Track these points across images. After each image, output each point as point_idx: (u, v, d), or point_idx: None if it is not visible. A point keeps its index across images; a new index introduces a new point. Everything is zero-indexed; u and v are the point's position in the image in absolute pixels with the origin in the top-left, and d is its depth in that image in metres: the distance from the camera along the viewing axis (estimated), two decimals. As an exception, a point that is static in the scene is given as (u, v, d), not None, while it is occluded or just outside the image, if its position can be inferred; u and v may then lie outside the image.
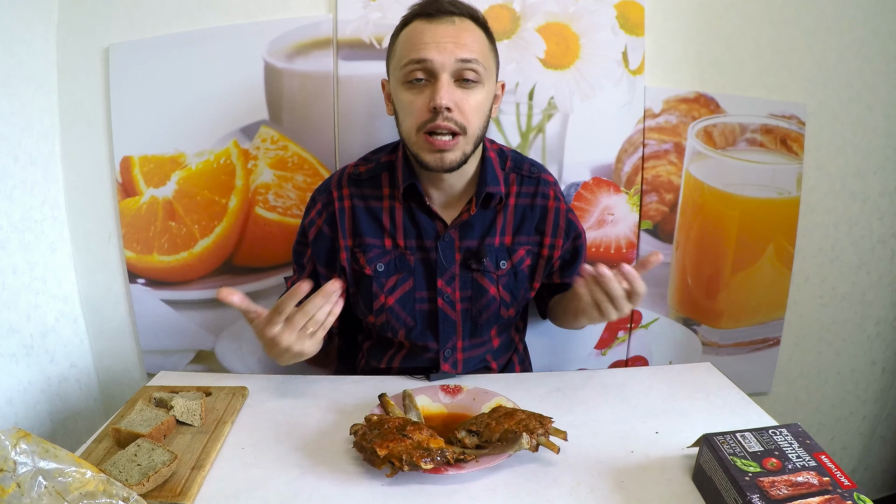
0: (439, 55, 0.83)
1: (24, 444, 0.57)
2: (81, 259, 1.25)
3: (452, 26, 0.85)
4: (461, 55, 0.83)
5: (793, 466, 0.66)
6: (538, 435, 0.73)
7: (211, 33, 1.15)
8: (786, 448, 0.69)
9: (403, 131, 0.89)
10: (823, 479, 0.64)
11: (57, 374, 1.19)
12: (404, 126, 0.88)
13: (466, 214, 0.94)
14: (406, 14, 0.89)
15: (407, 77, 0.85)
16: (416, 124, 0.85)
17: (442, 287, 0.96)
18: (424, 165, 0.88)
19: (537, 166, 1.03)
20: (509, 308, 0.99)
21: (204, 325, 1.28)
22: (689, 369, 1.04)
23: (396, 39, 0.89)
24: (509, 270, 0.98)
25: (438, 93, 0.82)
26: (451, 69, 0.83)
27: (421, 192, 0.92)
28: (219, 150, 1.20)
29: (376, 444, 0.70)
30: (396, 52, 0.88)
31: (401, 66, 0.86)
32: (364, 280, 0.96)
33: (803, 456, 0.68)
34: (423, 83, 0.84)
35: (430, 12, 0.85)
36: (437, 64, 0.83)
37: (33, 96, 1.12)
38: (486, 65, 0.86)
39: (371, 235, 0.96)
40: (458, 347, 0.98)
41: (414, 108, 0.85)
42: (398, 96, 0.88)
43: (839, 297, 1.40)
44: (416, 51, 0.83)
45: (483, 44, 0.87)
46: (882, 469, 1.55)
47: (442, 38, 0.83)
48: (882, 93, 1.28)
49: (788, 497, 0.62)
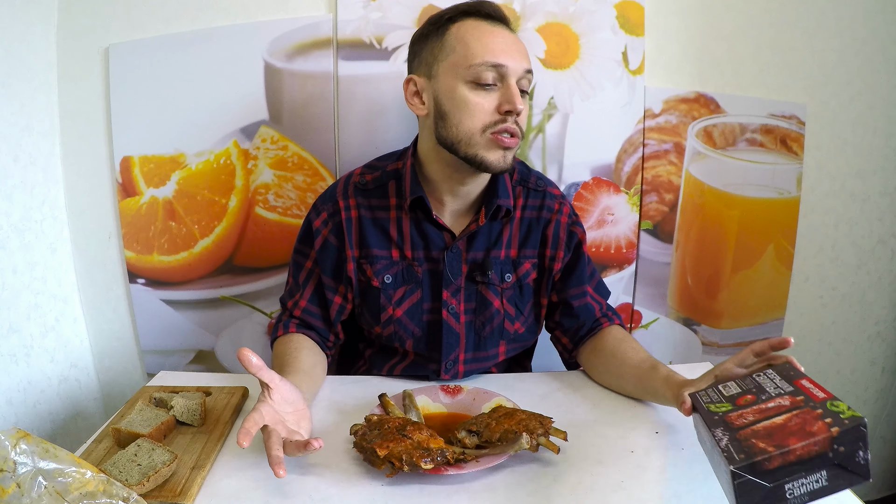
0: (513, 62, 0.83)
1: (24, 445, 0.57)
2: (81, 259, 1.25)
3: (512, 33, 0.87)
4: (526, 66, 0.85)
5: (766, 396, 0.63)
6: (538, 435, 0.73)
7: (211, 33, 1.16)
8: (765, 383, 0.66)
9: (462, 132, 0.85)
10: (797, 398, 0.60)
11: (57, 374, 1.19)
12: (464, 127, 0.85)
13: (474, 225, 0.93)
14: (452, 10, 0.87)
15: (476, 78, 0.83)
16: (483, 125, 0.84)
17: (447, 299, 0.95)
18: (484, 165, 0.86)
19: (543, 179, 1.02)
20: (514, 322, 0.98)
21: (204, 325, 1.28)
22: (689, 369, 1.03)
23: (446, 35, 0.86)
24: (514, 284, 0.97)
25: (516, 97, 0.83)
26: (518, 76, 0.84)
27: (428, 205, 0.91)
28: (219, 150, 1.20)
29: (376, 445, 0.70)
30: (456, 49, 0.85)
31: (469, 64, 0.83)
32: (371, 292, 0.95)
33: (781, 385, 0.64)
34: (492, 86, 0.84)
35: (491, 15, 0.86)
36: (510, 70, 0.83)
37: (33, 96, 1.12)
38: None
39: (378, 246, 0.94)
40: (461, 360, 0.97)
41: (481, 109, 0.84)
42: (458, 95, 0.84)
43: (839, 297, 1.40)
44: (492, 53, 0.83)
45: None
46: (882, 469, 1.55)
47: (511, 44, 0.85)
48: (882, 93, 1.28)
49: (753, 422, 0.59)
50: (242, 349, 0.70)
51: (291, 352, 0.91)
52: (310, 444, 0.66)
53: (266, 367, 0.73)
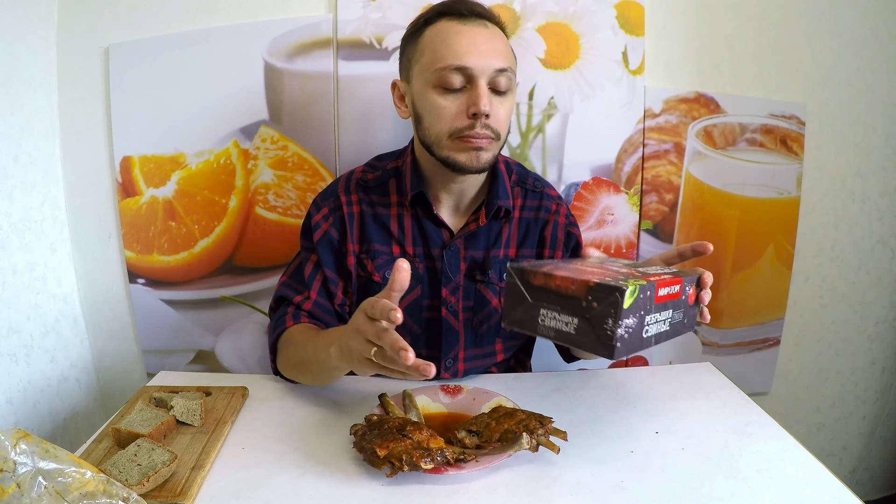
0: (479, 61, 0.81)
1: (23, 445, 0.57)
2: (81, 259, 1.25)
3: (486, 30, 0.83)
4: (498, 65, 0.82)
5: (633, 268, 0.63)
6: (538, 435, 0.73)
7: (211, 33, 1.16)
8: (651, 269, 0.65)
9: (432, 136, 0.86)
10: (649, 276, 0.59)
11: (57, 374, 1.19)
12: (433, 131, 0.85)
13: (474, 225, 0.93)
14: (428, 13, 0.86)
15: (442, 82, 0.82)
16: (450, 130, 0.84)
17: (446, 296, 0.95)
18: (457, 167, 0.85)
19: (541, 181, 1.02)
20: None
21: (204, 325, 1.28)
22: (689, 369, 1.04)
23: (420, 38, 0.86)
24: None
25: (482, 99, 0.81)
26: (489, 77, 0.82)
27: (429, 199, 0.91)
28: (219, 150, 1.20)
29: (376, 445, 0.70)
30: (425, 53, 0.84)
31: (434, 68, 0.82)
32: (372, 287, 0.95)
33: (662, 271, 0.63)
34: (460, 89, 0.83)
35: (462, 12, 0.83)
36: (476, 71, 0.81)
37: (33, 96, 1.12)
38: (514, 73, 0.86)
39: (379, 242, 0.95)
40: (460, 357, 0.97)
41: (448, 113, 0.83)
42: (427, 99, 0.84)
43: (839, 297, 1.40)
44: (455, 55, 0.81)
45: (510, 51, 0.86)
46: (882, 469, 1.55)
47: (480, 43, 0.82)
48: (882, 93, 1.28)
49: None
50: (402, 261, 0.65)
51: (314, 328, 0.90)
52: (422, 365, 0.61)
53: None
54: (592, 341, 0.56)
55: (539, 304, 0.59)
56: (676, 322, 0.64)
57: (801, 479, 0.72)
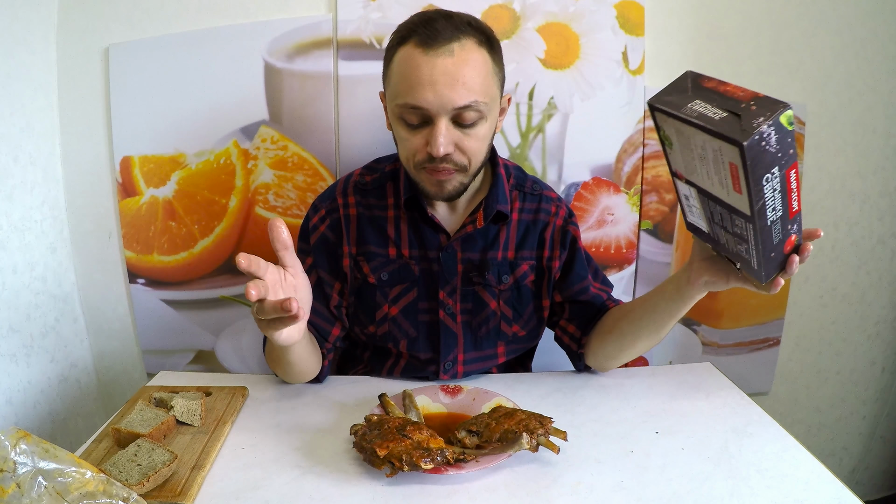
0: (436, 99, 0.77)
1: (23, 445, 0.57)
2: (81, 259, 1.25)
3: (451, 59, 0.77)
4: (459, 102, 0.77)
5: None
6: (538, 435, 0.73)
7: (211, 33, 1.16)
8: None
9: (402, 159, 0.87)
10: None
11: (57, 374, 1.19)
12: (402, 156, 0.87)
13: (471, 227, 0.92)
14: (402, 29, 0.81)
15: (402, 116, 0.81)
16: (414, 161, 0.84)
17: (444, 299, 0.95)
18: (425, 193, 0.88)
19: (539, 184, 1.01)
20: (512, 325, 0.97)
21: (204, 325, 1.28)
22: (689, 369, 1.04)
23: (392, 61, 0.82)
24: (512, 286, 0.96)
25: (436, 140, 0.78)
26: (449, 114, 0.79)
27: (423, 203, 0.91)
28: (219, 150, 1.20)
29: (376, 445, 0.70)
30: (391, 80, 0.82)
31: (395, 102, 0.81)
32: (367, 289, 0.95)
33: None
34: (420, 125, 0.81)
35: (428, 40, 0.77)
36: (433, 111, 0.78)
37: (33, 96, 1.12)
38: (488, 99, 0.80)
39: (375, 244, 0.95)
40: (460, 360, 0.97)
41: (410, 145, 0.83)
42: (395, 128, 0.85)
43: (839, 297, 1.40)
44: (412, 93, 0.78)
45: (485, 70, 0.80)
46: (882, 469, 1.55)
47: (440, 78, 0.76)
48: (882, 93, 1.28)
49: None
50: (276, 220, 0.68)
51: None
52: (289, 301, 0.62)
53: (292, 250, 0.70)
54: (731, 129, 0.57)
55: (697, 97, 0.62)
56: (775, 223, 0.63)
57: (801, 479, 0.72)
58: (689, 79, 0.65)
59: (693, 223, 0.75)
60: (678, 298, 0.83)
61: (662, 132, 0.68)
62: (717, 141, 0.58)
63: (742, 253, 0.68)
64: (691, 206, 0.72)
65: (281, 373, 0.93)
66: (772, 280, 0.69)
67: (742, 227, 0.64)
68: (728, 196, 0.63)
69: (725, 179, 0.61)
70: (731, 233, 0.67)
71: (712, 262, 0.78)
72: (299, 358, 0.85)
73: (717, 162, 0.61)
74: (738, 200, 0.62)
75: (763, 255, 0.65)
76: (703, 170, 0.64)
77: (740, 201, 0.61)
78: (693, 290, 0.80)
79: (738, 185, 0.60)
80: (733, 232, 0.67)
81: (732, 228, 0.66)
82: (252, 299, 0.62)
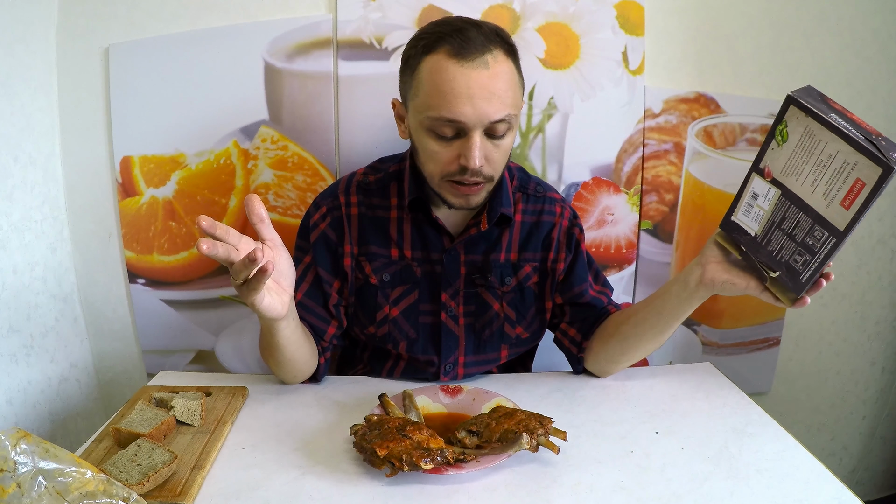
0: (474, 113, 0.76)
1: (24, 444, 0.57)
2: (81, 259, 1.25)
3: (486, 71, 0.76)
4: (495, 116, 0.77)
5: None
6: (538, 435, 0.73)
7: (211, 33, 1.15)
8: None
9: (426, 171, 0.85)
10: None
11: (57, 374, 1.19)
12: (426, 168, 0.85)
13: (475, 230, 0.92)
14: (427, 36, 0.79)
15: (434, 129, 0.80)
16: (442, 173, 0.83)
17: (446, 301, 0.94)
18: (448, 204, 0.87)
19: (543, 185, 1.01)
20: (515, 326, 0.97)
21: (204, 325, 1.28)
22: (689, 369, 1.04)
23: (418, 70, 0.80)
24: (515, 287, 0.96)
25: (472, 153, 0.78)
26: (484, 128, 0.78)
27: (428, 205, 0.91)
28: (219, 150, 1.20)
29: (376, 445, 0.70)
30: (419, 93, 0.80)
31: (426, 114, 0.79)
32: (368, 289, 0.95)
33: None
34: (453, 138, 0.80)
35: (462, 51, 0.76)
36: (470, 125, 0.77)
37: (33, 96, 1.12)
38: (517, 111, 0.81)
39: (377, 245, 0.94)
40: (460, 362, 0.97)
41: (440, 158, 0.82)
42: (421, 140, 0.83)
43: (839, 297, 1.40)
44: (447, 106, 0.76)
45: (513, 82, 0.80)
46: (882, 469, 1.55)
47: (476, 91, 0.76)
48: (882, 93, 1.28)
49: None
50: (251, 195, 0.71)
51: None
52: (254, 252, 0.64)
53: (269, 223, 0.74)
54: (878, 151, 0.59)
55: (832, 111, 0.63)
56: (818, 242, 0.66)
57: (801, 479, 0.72)
58: (816, 91, 0.65)
59: (737, 222, 0.73)
60: (686, 299, 0.83)
61: (784, 125, 0.66)
62: (858, 155, 0.59)
63: (795, 264, 0.68)
64: (754, 206, 0.71)
65: (274, 364, 0.90)
66: (802, 296, 0.71)
67: (821, 239, 0.64)
68: (827, 208, 0.63)
69: (838, 192, 0.61)
70: (797, 242, 0.67)
71: (730, 267, 0.78)
72: (288, 341, 0.83)
73: (840, 173, 0.61)
74: (837, 214, 0.62)
75: (819, 269, 0.66)
76: (812, 176, 0.64)
77: (840, 215, 0.61)
78: (704, 290, 0.81)
79: (851, 201, 0.61)
80: (802, 242, 0.66)
81: (803, 239, 0.66)
82: (201, 251, 0.63)
